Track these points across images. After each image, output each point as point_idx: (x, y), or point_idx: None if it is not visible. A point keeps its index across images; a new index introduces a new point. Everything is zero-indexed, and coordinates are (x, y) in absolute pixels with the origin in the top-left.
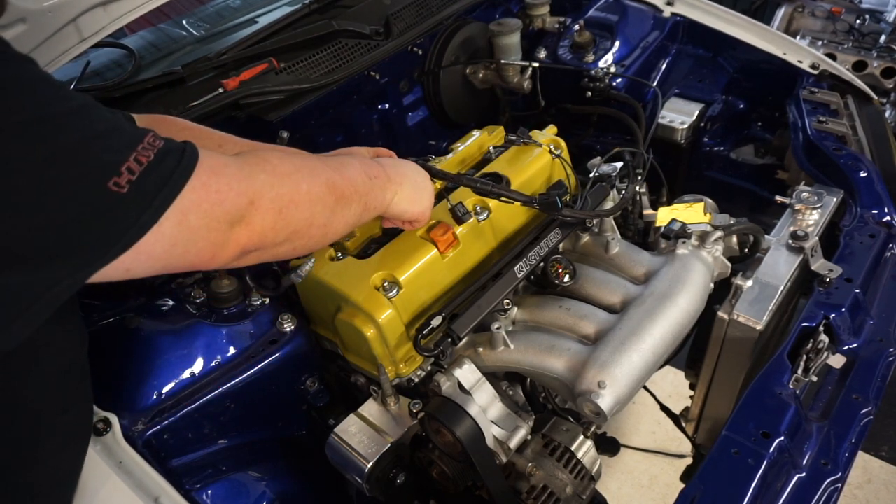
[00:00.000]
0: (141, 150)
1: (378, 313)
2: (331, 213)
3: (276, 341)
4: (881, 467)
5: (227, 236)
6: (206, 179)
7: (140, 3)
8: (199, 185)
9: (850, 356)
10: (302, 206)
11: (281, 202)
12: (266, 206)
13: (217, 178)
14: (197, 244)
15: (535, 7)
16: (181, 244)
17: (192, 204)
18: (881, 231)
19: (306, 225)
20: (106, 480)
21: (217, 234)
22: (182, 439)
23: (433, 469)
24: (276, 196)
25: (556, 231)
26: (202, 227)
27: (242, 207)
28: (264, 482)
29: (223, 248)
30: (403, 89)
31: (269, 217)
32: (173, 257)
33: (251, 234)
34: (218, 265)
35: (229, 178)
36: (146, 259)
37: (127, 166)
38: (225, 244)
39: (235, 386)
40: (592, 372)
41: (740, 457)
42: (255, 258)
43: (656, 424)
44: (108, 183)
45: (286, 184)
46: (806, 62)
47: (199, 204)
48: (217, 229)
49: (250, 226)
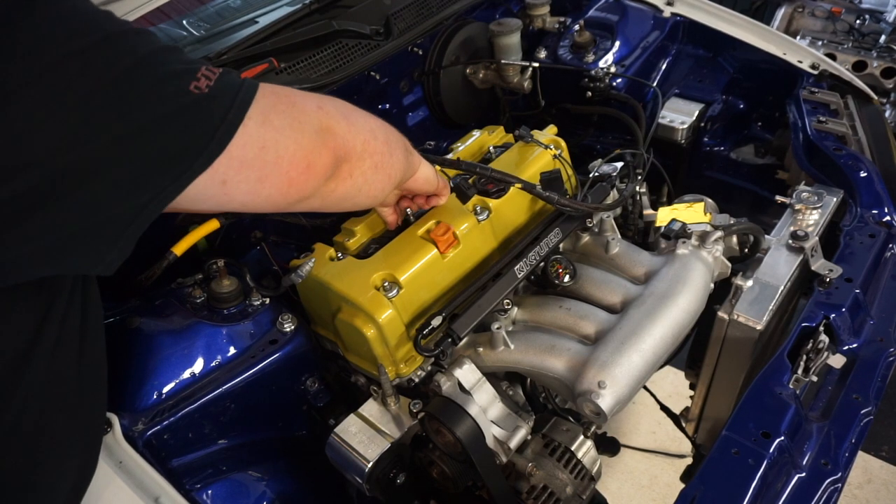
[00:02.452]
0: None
1: (378, 313)
2: (385, 132)
3: (276, 341)
4: (881, 467)
5: (315, 141)
6: (273, 89)
7: (140, 3)
8: (269, 92)
9: (850, 356)
10: (360, 117)
11: (343, 110)
12: (333, 112)
13: (282, 88)
14: (289, 147)
15: (535, 7)
16: (271, 146)
17: (270, 106)
18: (881, 231)
19: (371, 136)
20: (106, 480)
21: (304, 136)
22: (182, 439)
23: (433, 469)
24: (336, 105)
25: (557, 231)
26: (287, 127)
27: (315, 111)
28: (264, 482)
29: (317, 154)
30: (403, 89)
31: (342, 121)
32: (268, 164)
33: (335, 138)
34: (318, 178)
35: (292, 89)
36: (240, 166)
37: (202, 73)
38: (316, 149)
39: (236, 386)
40: (592, 372)
41: (740, 457)
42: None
43: (656, 424)
44: (189, 86)
45: (338, 100)
46: (806, 62)
47: (275, 105)
48: (302, 130)
49: (331, 130)
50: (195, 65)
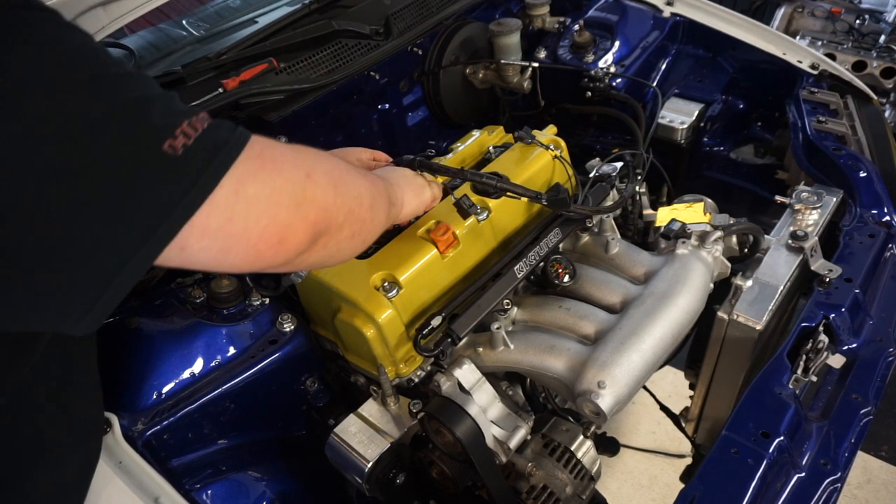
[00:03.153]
0: (195, 119)
1: (378, 313)
2: (371, 195)
3: (276, 341)
4: (881, 467)
5: (293, 214)
6: (261, 151)
7: (140, 3)
8: (255, 155)
9: (850, 356)
10: (348, 182)
11: (332, 176)
12: (322, 179)
13: (273, 149)
14: (260, 220)
15: (535, 7)
16: (240, 219)
17: (248, 173)
18: (881, 231)
19: (357, 203)
20: (106, 480)
21: (280, 209)
22: (182, 439)
23: (433, 469)
24: (326, 170)
25: (556, 231)
26: (262, 198)
27: (301, 181)
28: (264, 482)
29: (292, 229)
30: (403, 89)
31: (329, 190)
32: (233, 236)
33: (317, 209)
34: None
35: (283, 150)
36: (201, 235)
37: (182, 130)
38: (293, 224)
39: (235, 386)
40: (592, 372)
41: (740, 457)
42: (324, 247)
43: (656, 424)
44: (162, 145)
45: (331, 161)
46: (806, 62)
47: (255, 173)
48: (279, 203)
49: (315, 201)
50: (178, 118)
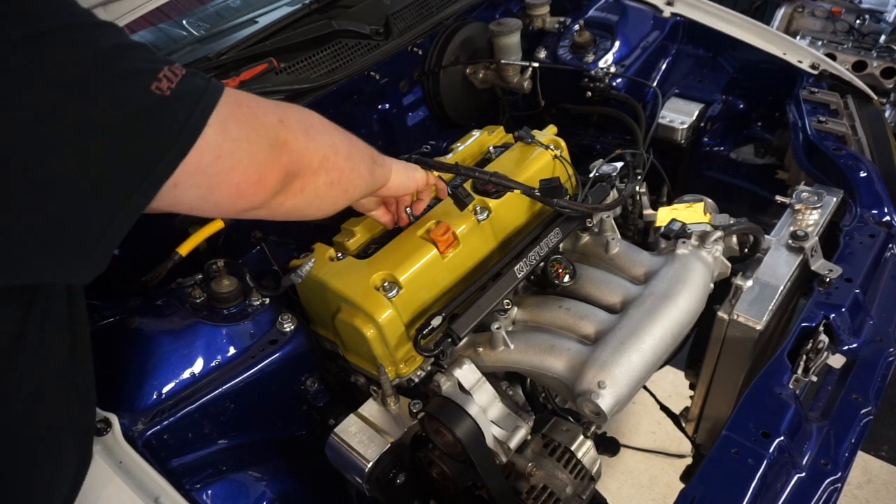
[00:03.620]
0: (173, 66)
1: (378, 313)
2: (348, 146)
3: (276, 341)
4: (881, 467)
5: (268, 155)
6: (236, 97)
7: (140, 3)
8: (232, 101)
9: (850, 356)
10: (323, 131)
11: (305, 123)
12: (294, 125)
13: (246, 96)
14: (242, 160)
15: (535, 7)
16: (226, 156)
17: (230, 115)
18: (881, 231)
19: (332, 151)
20: (106, 480)
21: (259, 150)
22: (182, 439)
23: (433, 469)
24: (299, 118)
25: (556, 231)
26: (243, 139)
27: (274, 124)
28: (264, 482)
29: (268, 169)
30: (403, 89)
31: (300, 135)
32: (221, 173)
33: (290, 154)
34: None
35: (256, 98)
36: (194, 171)
37: (164, 74)
38: (268, 164)
39: (235, 386)
40: (592, 372)
41: (740, 457)
42: (299, 189)
43: (656, 424)
44: (150, 86)
45: (304, 111)
46: (806, 62)
47: (235, 115)
48: (258, 143)
49: (287, 145)
50: (158, 64)
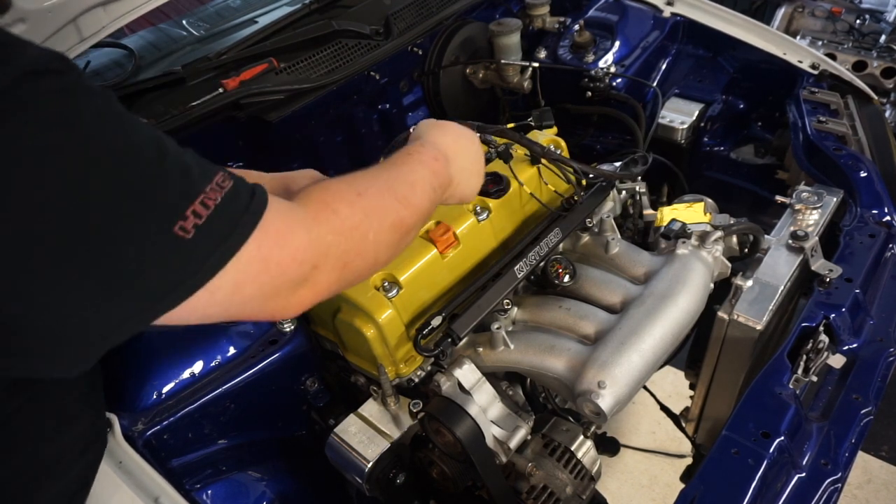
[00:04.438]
0: (209, 190)
1: (378, 313)
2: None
3: (276, 341)
4: (881, 467)
5: (287, 300)
6: (267, 251)
7: (140, 3)
8: (257, 257)
9: (850, 356)
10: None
11: (346, 258)
12: (331, 266)
13: (281, 248)
14: (253, 309)
15: (535, 7)
16: (234, 310)
17: (249, 277)
18: (881, 231)
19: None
20: (106, 480)
21: (276, 300)
22: (182, 439)
23: (433, 469)
24: (341, 253)
25: (556, 231)
26: (258, 296)
27: (306, 273)
28: (264, 482)
29: (285, 310)
30: (403, 89)
31: (334, 275)
32: (230, 317)
33: (315, 293)
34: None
35: (296, 245)
36: (200, 317)
37: (193, 209)
38: (286, 307)
39: (235, 386)
40: (592, 372)
41: (740, 457)
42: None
43: (656, 424)
44: (174, 227)
45: (354, 237)
46: (806, 62)
47: (255, 276)
48: (276, 296)
49: (315, 286)
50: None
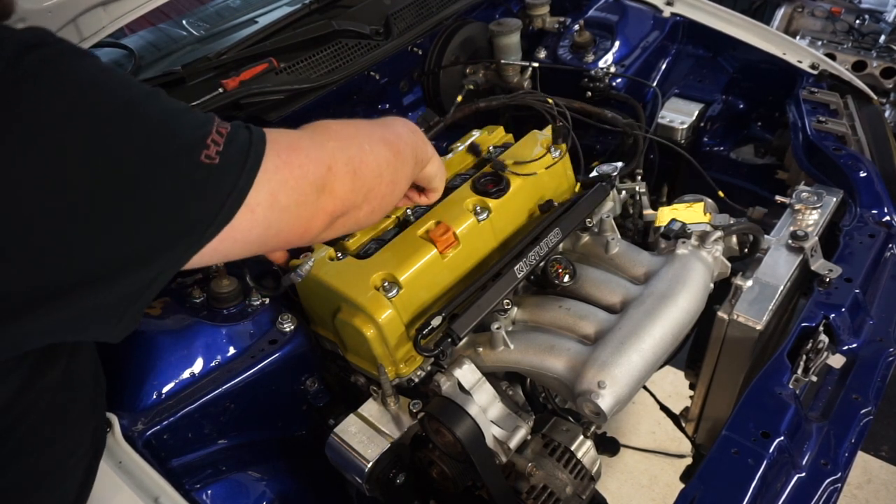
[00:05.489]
0: (217, 124)
1: (378, 313)
2: (394, 169)
3: (276, 341)
4: (881, 467)
5: (315, 207)
6: (286, 157)
7: (140, 3)
8: (281, 164)
9: (850, 356)
10: (370, 164)
11: (352, 164)
12: (342, 170)
13: (296, 153)
14: (289, 222)
15: (535, 7)
16: (275, 225)
17: (280, 183)
18: (881, 231)
19: (377, 182)
20: (106, 480)
21: (306, 207)
22: (182, 439)
23: (433, 469)
24: (347, 159)
25: (556, 231)
26: (292, 204)
27: (322, 175)
28: (264, 482)
29: (314, 220)
30: (403, 89)
31: (347, 179)
32: (268, 238)
33: (335, 200)
34: (310, 238)
35: (306, 150)
36: (242, 243)
37: (212, 138)
38: (314, 216)
39: (235, 386)
40: (592, 372)
41: (740, 457)
42: (342, 225)
43: (656, 424)
44: (200, 156)
45: (352, 146)
46: (806, 62)
47: (285, 182)
48: (305, 203)
49: (333, 192)
50: (205, 127)
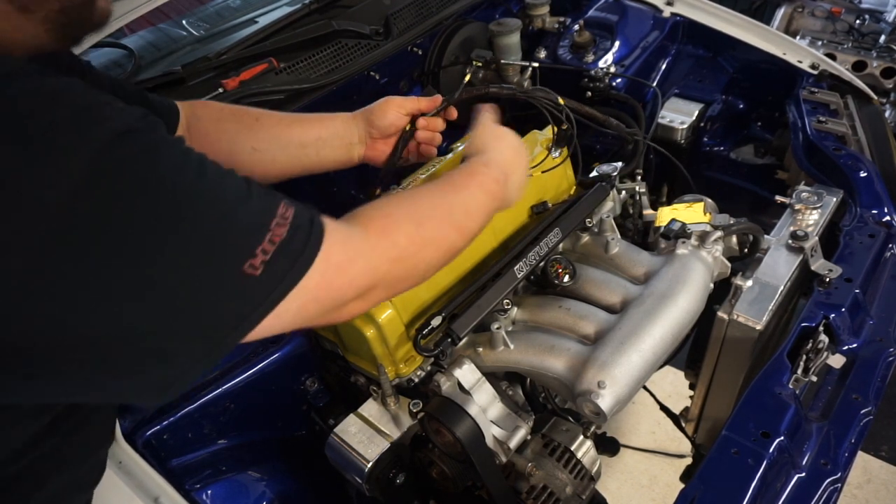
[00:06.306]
0: (274, 226)
1: (378, 313)
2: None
3: (276, 341)
4: (881, 467)
5: (341, 312)
6: (330, 277)
7: (140, 3)
8: (321, 283)
9: (850, 356)
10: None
11: (398, 279)
12: (384, 287)
13: (342, 274)
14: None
15: (535, 7)
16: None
17: (312, 300)
18: (881, 231)
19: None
20: (106, 480)
21: (331, 316)
22: (182, 439)
23: (433, 469)
24: (395, 277)
25: (556, 231)
26: (318, 314)
27: (361, 293)
28: (264, 482)
29: (338, 320)
30: (403, 89)
31: (384, 293)
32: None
33: (363, 306)
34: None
35: (353, 273)
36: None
37: (262, 248)
38: (339, 317)
39: (235, 386)
40: (592, 372)
41: (740, 457)
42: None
43: (656, 424)
44: (243, 266)
45: (409, 263)
46: (806, 62)
47: (317, 298)
48: (331, 313)
49: (365, 301)
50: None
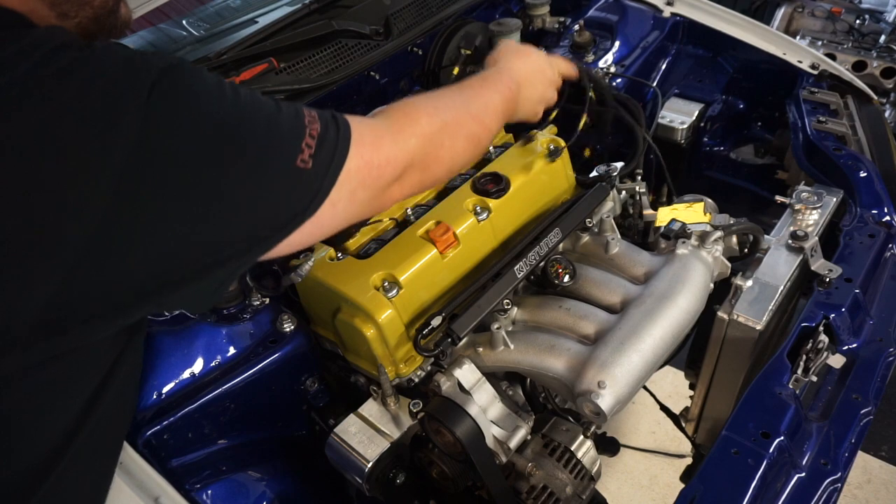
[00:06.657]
0: (308, 123)
1: (378, 313)
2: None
3: (276, 341)
4: (881, 467)
5: (384, 198)
6: (368, 157)
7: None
8: (362, 164)
9: (850, 356)
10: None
11: (427, 160)
12: (416, 167)
13: (377, 152)
14: (362, 211)
15: (535, 7)
16: (351, 214)
17: (359, 183)
18: (881, 231)
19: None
20: None
21: (380, 199)
22: (182, 439)
23: (433, 469)
24: (424, 156)
25: (556, 231)
26: (367, 199)
27: (398, 174)
28: (264, 482)
29: (380, 207)
30: (403, 89)
31: (417, 174)
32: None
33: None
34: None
35: (387, 151)
36: (321, 231)
37: (305, 141)
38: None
39: (235, 386)
40: (592, 372)
41: (740, 457)
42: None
43: (656, 424)
44: (296, 161)
45: (433, 143)
46: (806, 62)
47: (364, 181)
48: (380, 196)
49: (402, 184)
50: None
